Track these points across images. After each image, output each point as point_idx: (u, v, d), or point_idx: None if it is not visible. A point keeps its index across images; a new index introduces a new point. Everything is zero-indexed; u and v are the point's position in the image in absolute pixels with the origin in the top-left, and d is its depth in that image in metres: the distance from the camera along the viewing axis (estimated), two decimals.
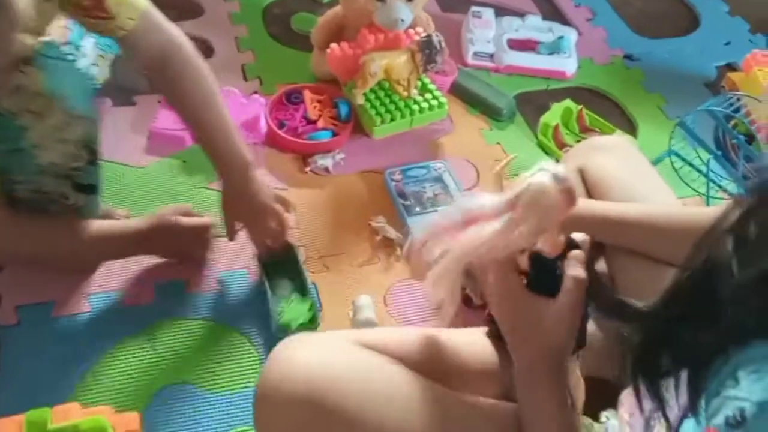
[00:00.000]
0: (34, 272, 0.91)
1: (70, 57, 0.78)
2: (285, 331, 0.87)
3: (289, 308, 0.91)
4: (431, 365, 0.64)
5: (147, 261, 0.95)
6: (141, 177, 1.07)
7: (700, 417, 0.40)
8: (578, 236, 0.61)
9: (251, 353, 0.89)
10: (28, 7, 0.69)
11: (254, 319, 0.92)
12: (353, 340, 0.61)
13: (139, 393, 0.83)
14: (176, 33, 0.84)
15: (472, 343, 0.69)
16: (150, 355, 0.86)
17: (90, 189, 0.86)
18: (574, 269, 0.55)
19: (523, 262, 0.57)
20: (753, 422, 0.36)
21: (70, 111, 0.76)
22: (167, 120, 1.11)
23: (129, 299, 0.92)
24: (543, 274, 0.56)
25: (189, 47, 0.85)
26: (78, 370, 0.84)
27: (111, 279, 0.93)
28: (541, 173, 0.55)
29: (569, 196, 0.54)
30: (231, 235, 0.92)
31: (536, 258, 0.56)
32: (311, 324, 0.90)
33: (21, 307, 0.89)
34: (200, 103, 0.85)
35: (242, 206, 0.89)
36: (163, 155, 1.11)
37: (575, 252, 0.56)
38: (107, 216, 0.96)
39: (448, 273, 0.59)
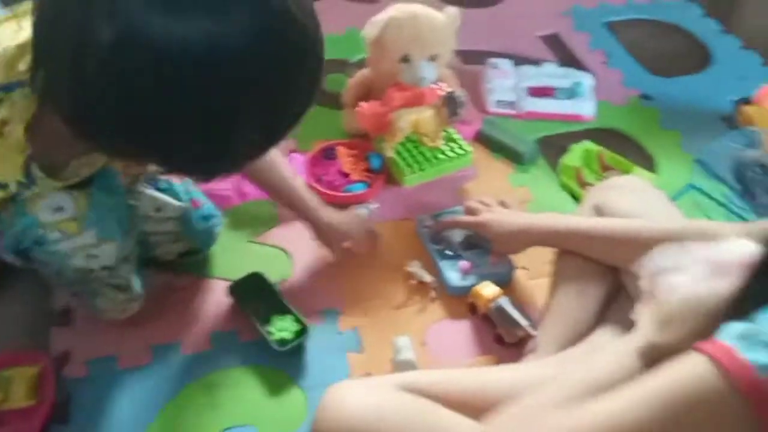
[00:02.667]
0: (101, 327, 0.99)
1: (121, 194, 0.88)
2: (284, 345, 0.96)
3: (275, 326, 0.98)
4: (468, 404, 0.68)
5: (203, 314, 1.04)
6: None
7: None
8: None
9: (298, 394, 0.95)
10: None
11: (299, 362, 0.99)
12: (397, 385, 0.67)
13: None
14: None
15: (502, 379, 0.74)
16: (209, 401, 0.93)
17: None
18: None
19: None
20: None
21: (99, 236, 0.83)
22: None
23: (188, 349, 0.99)
24: None
25: None
26: (144, 418, 0.91)
27: (172, 330, 1.01)
28: None
29: None
30: (337, 255, 1.11)
31: None
32: (303, 333, 0.98)
33: (90, 361, 0.97)
34: (279, 180, 1.06)
35: (323, 237, 1.09)
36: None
37: None
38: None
39: (697, 309, 0.56)
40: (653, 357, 0.58)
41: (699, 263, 0.59)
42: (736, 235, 0.63)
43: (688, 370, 0.47)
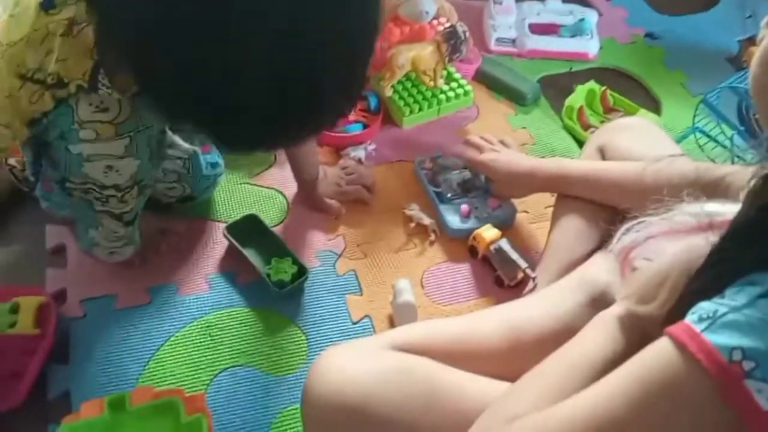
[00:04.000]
0: (97, 267, 0.98)
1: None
2: (282, 287, 0.96)
3: (274, 269, 0.97)
4: (460, 353, 0.68)
5: (200, 255, 1.02)
6: None
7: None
8: None
9: (299, 336, 0.95)
10: None
11: (298, 304, 0.98)
12: (388, 345, 0.66)
13: (200, 377, 0.89)
14: None
15: (489, 323, 0.73)
16: (208, 341, 0.93)
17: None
18: None
19: None
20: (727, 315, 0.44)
21: (128, 149, 0.79)
22: None
23: (185, 290, 0.98)
24: None
25: None
26: (143, 357, 0.90)
27: (168, 272, 1.00)
28: None
29: None
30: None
31: None
32: (301, 276, 0.97)
33: (86, 300, 0.96)
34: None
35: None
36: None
37: None
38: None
39: (671, 274, 0.54)
40: (639, 325, 0.58)
41: (657, 237, 0.58)
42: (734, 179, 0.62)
43: (659, 358, 0.46)
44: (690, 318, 0.45)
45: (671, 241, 0.57)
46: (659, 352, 0.46)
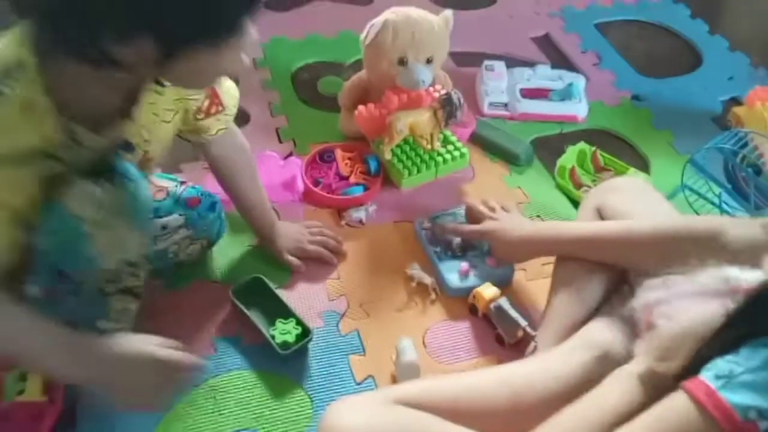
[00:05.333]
0: None
1: (142, 180, 0.81)
2: (286, 348, 0.97)
3: (278, 330, 0.99)
4: (459, 410, 0.69)
5: (204, 318, 1.04)
6: None
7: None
8: None
9: (303, 398, 0.96)
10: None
11: (302, 365, 0.99)
12: (391, 398, 0.68)
13: None
14: (240, 133, 1.05)
15: (487, 381, 0.75)
16: (213, 405, 0.93)
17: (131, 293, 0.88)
18: None
19: None
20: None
21: (133, 228, 0.79)
22: (214, 185, 1.20)
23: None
24: None
25: (247, 146, 1.06)
26: (149, 422, 0.91)
27: (172, 336, 1.00)
28: None
29: None
30: (295, 270, 1.13)
31: None
32: (306, 336, 0.99)
33: None
34: (250, 191, 1.09)
35: (273, 250, 1.14)
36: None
37: None
38: None
39: (693, 335, 0.56)
40: (654, 380, 0.59)
41: (682, 296, 0.60)
42: (740, 231, 0.65)
43: (676, 412, 0.49)
44: (706, 375, 0.47)
45: (696, 302, 0.58)
46: (676, 407, 0.48)
